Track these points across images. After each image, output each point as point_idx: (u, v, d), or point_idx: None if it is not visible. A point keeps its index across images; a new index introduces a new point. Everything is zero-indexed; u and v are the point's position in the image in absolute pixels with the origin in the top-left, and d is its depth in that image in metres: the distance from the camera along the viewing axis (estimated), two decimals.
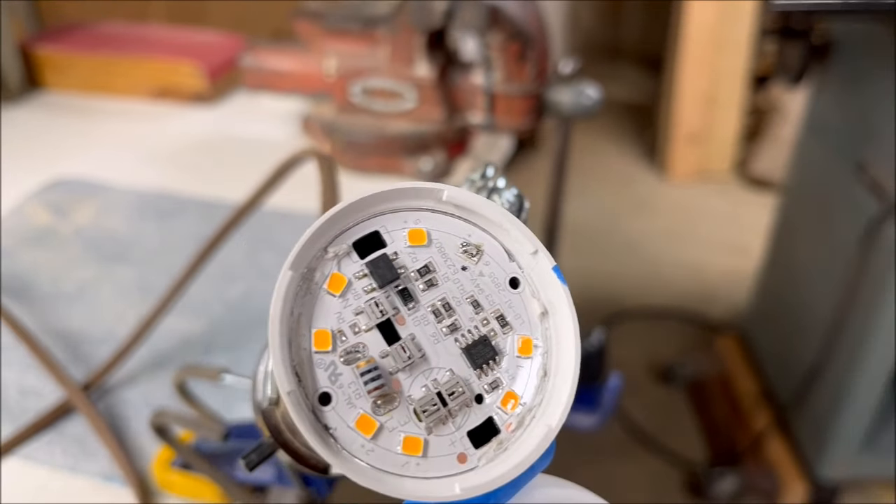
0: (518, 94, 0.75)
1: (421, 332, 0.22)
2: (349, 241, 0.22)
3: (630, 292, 1.87)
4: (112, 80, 0.96)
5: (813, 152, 1.31)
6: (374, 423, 0.21)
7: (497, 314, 0.23)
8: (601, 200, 2.24)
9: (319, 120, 0.82)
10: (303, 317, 0.22)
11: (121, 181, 0.80)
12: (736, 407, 1.51)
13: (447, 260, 0.23)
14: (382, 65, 0.77)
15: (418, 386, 0.22)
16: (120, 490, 0.50)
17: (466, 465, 0.22)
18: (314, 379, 0.21)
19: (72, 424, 0.54)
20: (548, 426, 0.22)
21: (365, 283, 0.22)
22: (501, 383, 0.23)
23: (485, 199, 0.23)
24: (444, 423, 0.22)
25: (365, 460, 0.21)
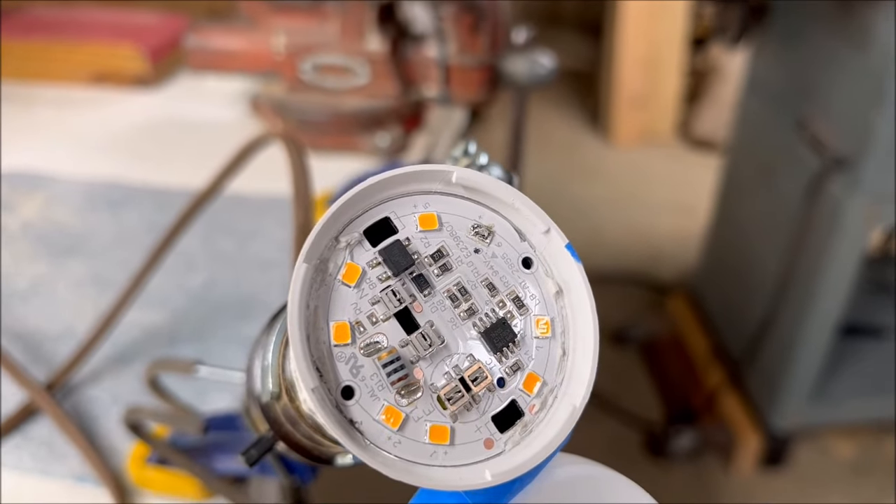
0: (473, 65, 0.74)
1: (438, 318, 0.22)
2: (360, 230, 0.22)
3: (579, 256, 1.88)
4: (47, 67, 0.92)
5: (754, 112, 1.33)
6: (400, 415, 0.21)
7: (513, 296, 0.23)
8: (546, 167, 2.24)
9: (269, 99, 0.80)
10: (319, 309, 0.21)
11: (66, 172, 0.77)
12: (689, 365, 1.55)
13: (459, 243, 0.22)
14: (332, 40, 0.76)
15: (440, 373, 0.21)
16: (95, 490, 0.48)
17: (493, 451, 0.21)
18: (336, 373, 0.20)
19: (37, 426, 0.52)
20: (572, 405, 0.22)
21: (379, 272, 0.21)
22: (522, 365, 0.22)
23: (494, 179, 0.23)
24: (468, 410, 0.21)
25: (392, 452, 0.20)
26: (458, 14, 0.71)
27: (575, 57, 2.69)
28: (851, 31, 1.03)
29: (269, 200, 0.72)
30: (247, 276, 0.64)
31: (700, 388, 1.49)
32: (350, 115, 0.77)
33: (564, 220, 2.02)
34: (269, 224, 0.69)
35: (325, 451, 0.27)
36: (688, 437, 1.42)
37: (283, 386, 0.25)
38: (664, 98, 2.25)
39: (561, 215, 1.84)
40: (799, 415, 1.32)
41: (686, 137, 2.32)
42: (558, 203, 2.09)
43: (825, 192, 1.09)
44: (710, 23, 1.90)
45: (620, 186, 2.15)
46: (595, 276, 1.32)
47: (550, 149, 2.34)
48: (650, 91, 2.22)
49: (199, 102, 0.89)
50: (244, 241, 0.68)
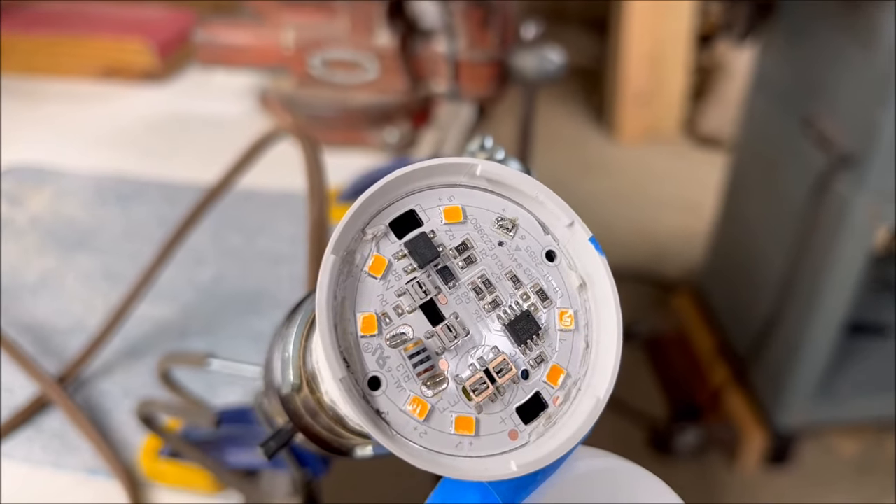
0: (482, 60, 0.74)
1: (463, 310, 0.22)
2: (386, 222, 0.22)
3: None
4: (56, 61, 0.92)
5: (760, 109, 1.33)
6: (426, 405, 0.21)
7: (536, 288, 0.23)
8: (551, 164, 2.24)
9: (278, 94, 0.80)
10: (346, 301, 0.21)
11: (75, 166, 0.77)
12: (694, 362, 1.55)
13: (483, 236, 0.23)
14: (342, 35, 0.76)
15: (465, 365, 0.22)
16: (106, 483, 0.48)
17: (518, 442, 0.21)
18: (363, 364, 0.21)
19: (49, 419, 0.52)
20: (596, 398, 0.22)
21: (405, 264, 0.22)
22: (546, 358, 0.22)
23: (518, 173, 0.23)
24: (493, 401, 0.21)
25: (419, 443, 0.21)
26: (468, 9, 0.71)
27: (580, 53, 2.69)
28: (858, 29, 1.03)
29: (279, 195, 0.72)
30: (256, 271, 0.64)
31: (705, 386, 1.49)
32: (359, 111, 0.77)
33: None
34: (279, 219, 0.70)
35: (345, 442, 0.27)
36: (692, 435, 1.42)
37: (303, 377, 0.25)
38: (670, 95, 2.25)
39: None
40: (804, 413, 1.32)
41: (691, 135, 2.32)
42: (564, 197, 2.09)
43: (831, 191, 1.09)
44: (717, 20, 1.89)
45: (626, 183, 2.15)
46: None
47: (556, 145, 2.34)
48: (656, 88, 2.22)
49: (207, 97, 0.89)
50: (254, 236, 0.68)
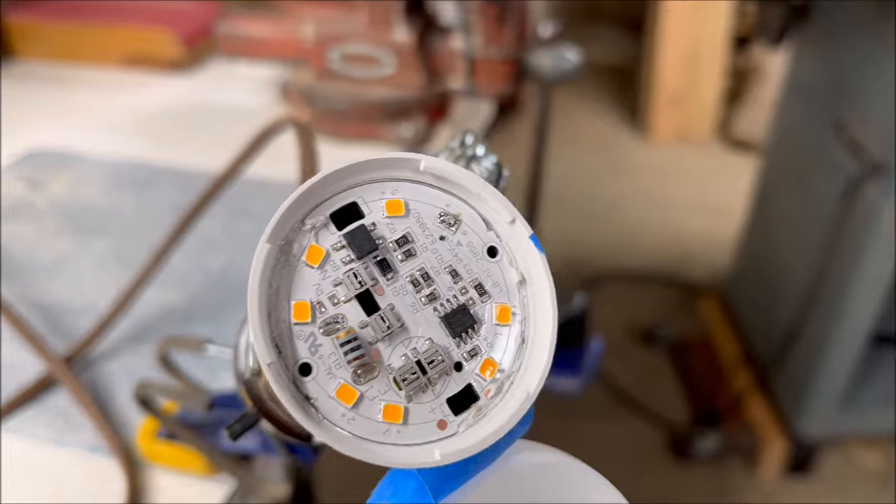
0: (498, 58, 0.74)
1: (400, 302, 0.22)
2: (326, 213, 0.22)
3: (610, 255, 1.88)
4: (84, 49, 0.94)
5: (793, 113, 1.31)
6: (355, 393, 0.21)
7: (475, 283, 0.23)
8: (581, 163, 2.23)
9: (298, 87, 0.81)
10: (281, 289, 0.21)
11: (96, 151, 0.79)
12: (717, 367, 1.53)
13: (425, 230, 0.23)
14: (360, 30, 0.76)
15: (398, 355, 0.22)
16: (105, 461, 0.50)
17: (446, 432, 0.22)
18: (294, 350, 0.21)
19: (55, 397, 0.54)
20: (526, 391, 0.22)
21: (343, 255, 0.22)
22: (480, 351, 0.23)
23: (462, 169, 0.23)
24: (423, 391, 0.22)
25: (346, 429, 0.21)
26: (484, 7, 0.71)
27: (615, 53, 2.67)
28: (892, 34, 1.01)
29: (291, 185, 0.73)
30: None
31: (727, 391, 1.48)
32: (375, 105, 0.77)
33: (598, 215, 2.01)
34: None
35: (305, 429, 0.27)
36: (712, 440, 1.41)
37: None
38: (704, 97, 2.22)
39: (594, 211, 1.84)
40: (826, 422, 1.30)
41: (724, 138, 2.29)
42: (592, 199, 2.08)
43: (861, 197, 1.07)
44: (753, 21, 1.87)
45: (655, 185, 2.14)
46: (626, 274, 1.32)
47: (586, 144, 2.32)
48: (689, 89, 2.20)
49: (229, 88, 0.90)
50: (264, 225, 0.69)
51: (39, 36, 0.94)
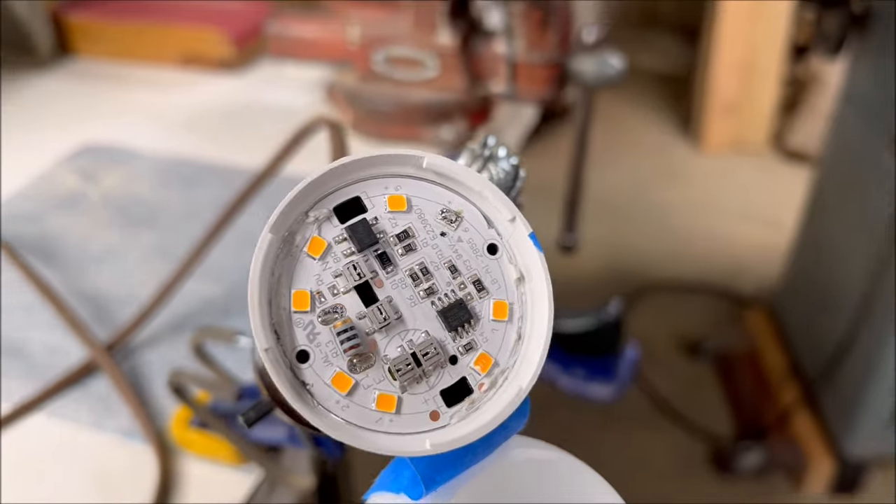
0: (540, 62, 0.75)
1: (398, 294, 0.23)
2: (330, 206, 0.23)
3: (659, 264, 1.86)
4: (141, 48, 0.97)
5: (848, 124, 1.28)
6: (350, 381, 0.22)
7: (474, 279, 0.24)
8: (632, 171, 2.21)
9: (343, 88, 0.82)
10: (283, 278, 0.22)
11: (147, 148, 0.82)
12: (763, 381, 1.50)
13: (426, 226, 0.24)
14: (405, 32, 0.77)
15: (394, 346, 0.23)
16: (140, 447, 0.51)
17: (439, 423, 0.22)
18: (293, 337, 0.22)
19: (96, 383, 0.56)
20: (519, 387, 0.23)
21: (344, 247, 0.23)
22: (476, 345, 0.23)
23: (464, 167, 0.24)
24: (417, 382, 0.23)
25: (340, 415, 0.22)
26: (527, 11, 0.72)
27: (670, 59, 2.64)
28: None
29: None
30: None
31: (773, 406, 1.45)
32: (417, 107, 0.78)
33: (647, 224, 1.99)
34: None
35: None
36: (756, 455, 1.38)
37: None
38: (759, 106, 2.18)
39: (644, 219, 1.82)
40: (875, 442, 1.26)
41: (779, 148, 2.25)
42: (642, 207, 2.06)
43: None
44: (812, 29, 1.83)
45: (707, 194, 2.11)
46: (674, 284, 1.31)
47: (638, 151, 2.30)
48: (745, 98, 2.16)
49: (278, 88, 0.92)
50: None
51: (99, 35, 0.98)
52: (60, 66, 0.99)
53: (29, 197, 0.75)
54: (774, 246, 1.78)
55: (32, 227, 0.71)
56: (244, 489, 0.49)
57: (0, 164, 0.80)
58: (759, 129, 2.23)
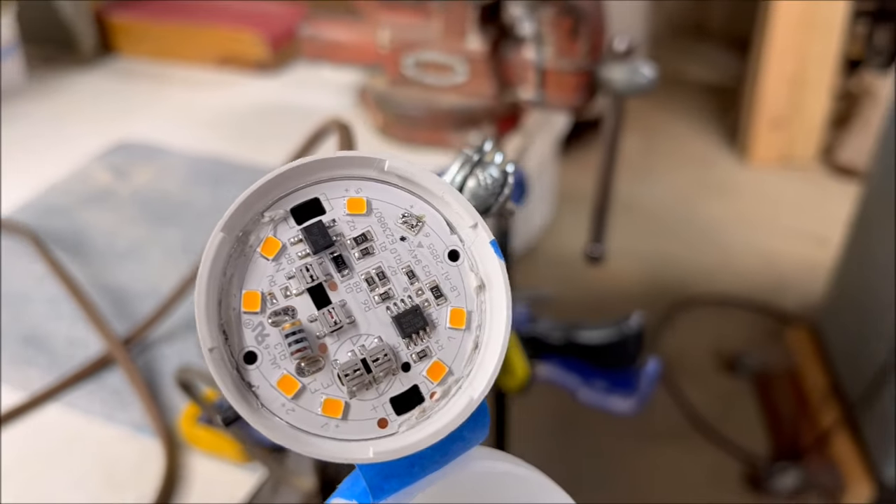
0: (569, 69, 0.74)
1: (352, 299, 0.23)
2: (287, 207, 0.23)
3: (700, 278, 1.82)
4: (180, 48, 0.99)
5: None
6: (297, 384, 0.22)
7: (432, 285, 0.23)
8: (676, 183, 2.18)
9: (373, 92, 0.83)
10: (235, 277, 0.22)
11: (180, 146, 0.83)
12: (803, 401, 1.47)
13: (386, 230, 0.23)
14: (435, 37, 0.77)
15: (345, 351, 0.22)
16: (149, 440, 0.52)
17: (387, 431, 0.22)
18: (241, 338, 0.22)
19: (111, 376, 0.57)
20: (470, 397, 0.22)
21: (300, 249, 0.23)
22: (430, 353, 0.23)
23: (426, 171, 0.23)
24: (367, 389, 0.22)
25: (284, 419, 0.22)
26: (557, 18, 0.71)
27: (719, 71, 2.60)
28: None
29: None
30: None
31: (812, 427, 1.41)
32: (446, 112, 0.78)
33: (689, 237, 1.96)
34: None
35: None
36: (792, 476, 1.35)
37: None
38: (809, 120, 2.13)
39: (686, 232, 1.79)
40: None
41: (828, 163, 2.19)
42: (685, 220, 2.03)
43: None
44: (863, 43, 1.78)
45: (752, 208, 2.06)
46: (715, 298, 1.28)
47: (683, 164, 2.27)
48: (794, 111, 2.11)
49: (311, 90, 0.93)
50: None
51: (141, 35, 1.00)
52: (103, 64, 1.02)
53: (62, 191, 0.76)
54: (820, 263, 1.73)
55: (63, 221, 0.72)
56: (248, 488, 0.50)
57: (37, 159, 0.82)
58: (807, 143, 2.17)
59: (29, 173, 0.79)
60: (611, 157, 0.79)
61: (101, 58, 1.02)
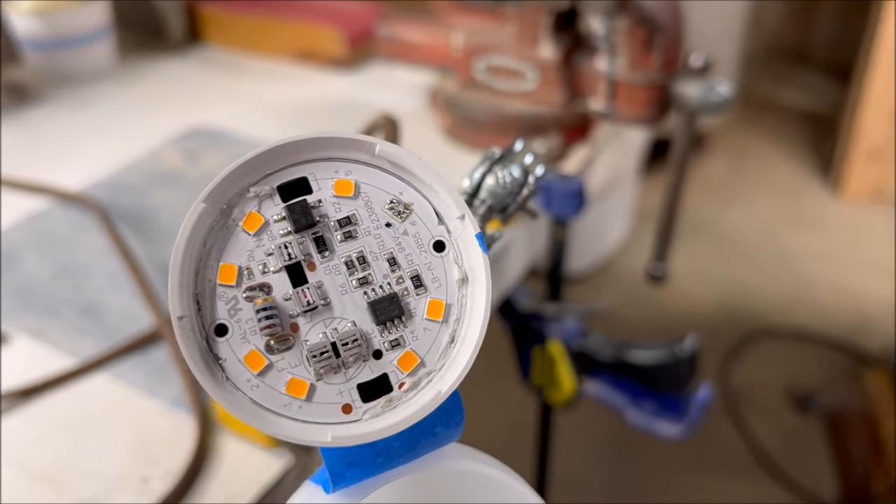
0: (641, 82, 0.72)
1: (330, 281, 0.22)
2: (274, 184, 0.23)
3: (777, 309, 1.76)
4: (262, 40, 1.01)
5: None
6: (264, 361, 0.22)
7: (413, 274, 0.23)
8: (761, 209, 2.11)
9: (444, 93, 0.83)
10: (214, 249, 0.22)
11: (249, 134, 0.85)
12: (877, 447, 1.40)
13: (372, 214, 0.23)
14: (508, 43, 0.77)
15: (317, 332, 0.22)
16: (185, 417, 0.53)
17: (350, 417, 0.22)
18: (213, 310, 0.22)
19: (157, 351, 0.58)
20: (437, 391, 0.22)
21: (282, 227, 0.23)
22: (403, 342, 0.22)
23: (416, 158, 0.23)
24: (335, 372, 0.22)
25: (248, 395, 0.21)
26: (632, 29, 0.70)
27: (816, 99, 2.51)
28: None
29: None
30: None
31: (885, 475, 1.35)
32: (513, 118, 0.78)
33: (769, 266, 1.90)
34: None
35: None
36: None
37: None
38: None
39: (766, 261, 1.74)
40: None
41: None
42: (766, 248, 1.96)
43: None
44: None
45: (838, 242, 1.98)
46: (791, 331, 1.24)
47: (769, 190, 2.20)
48: (892, 145, 2.02)
49: (385, 89, 0.94)
50: None
51: (226, 26, 1.03)
52: (189, 52, 1.05)
53: (135, 171, 0.79)
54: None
55: (132, 200, 0.75)
56: (273, 472, 0.50)
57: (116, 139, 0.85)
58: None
59: (107, 151, 0.82)
60: (679, 176, 0.77)
61: (189, 46, 1.06)
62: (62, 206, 0.74)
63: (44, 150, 0.85)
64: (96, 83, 0.97)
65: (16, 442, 0.52)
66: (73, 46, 0.95)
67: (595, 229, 1.84)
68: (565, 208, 0.65)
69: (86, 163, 0.81)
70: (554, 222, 0.72)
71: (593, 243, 1.87)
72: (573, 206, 0.65)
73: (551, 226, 0.73)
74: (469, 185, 0.33)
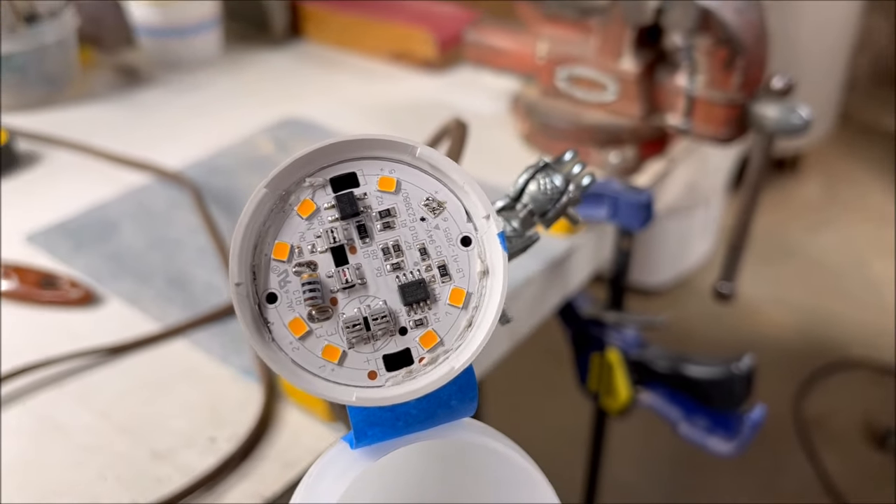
0: (720, 101, 0.73)
1: (367, 264, 0.26)
2: (328, 177, 0.26)
3: (859, 340, 1.71)
4: (359, 39, 1.06)
5: None
6: (305, 327, 0.25)
7: (441, 264, 0.26)
8: (851, 236, 2.05)
9: (525, 100, 0.85)
10: (271, 229, 0.26)
11: (335, 128, 0.89)
12: None
13: (409, 209, 0.26)
14: (591, 54, 0.79)
15: (353, 307, 0.25)
16: (253, 385, 0.57)
17: (374, 382, 0.25)
18: (266, 280, 0.25)
19: (234, 323, 0.63)
20: (451, 367, 0.24)
21: (331, 214, 0.26)
22: (426, 322, 0.25)
23: (452, 162, 0.26)
24: (365, 343, 0.25)
25: (290, 355, 0.25)
26: (713, 47, 0.71)
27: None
28: None
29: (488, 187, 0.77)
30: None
31: None
32: (590, 128, 0.79)
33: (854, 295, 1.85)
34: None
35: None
36: None
37: None
38: None
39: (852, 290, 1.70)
40: None
41: None
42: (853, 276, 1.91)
43: None
44: None
45: None
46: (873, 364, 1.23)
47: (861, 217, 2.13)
48: None
49: (471, 93, 0.97)
50: None
51: (327, 23, 1.08)
52: (289, 46, 1.11)
53: (230, 154, 0.84)
54: None
55: (224, 181, 0.80)
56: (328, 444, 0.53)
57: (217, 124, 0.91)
58: None
59: (207, 134, 0.88)
60: (753, 196, 0.77)
61: (290, 40, 1.11)
62: (161, 183, 0.80)
63: (150, 129, 0.92)
64: (202, 70, 1.04)
65: (102, 393, 0.57)
66: (184, 35, 1.02)
67: (678, 244, 1.83)
68: (631, 219, 0.67)
69: (186, 144, 0.86)
70: (620, 232, 0.74)
71: (676, 258, 1.86)
72: (639, 218, 0.67)
73: (617, 235, 0.74)
74: (514, 189, 0.36)
